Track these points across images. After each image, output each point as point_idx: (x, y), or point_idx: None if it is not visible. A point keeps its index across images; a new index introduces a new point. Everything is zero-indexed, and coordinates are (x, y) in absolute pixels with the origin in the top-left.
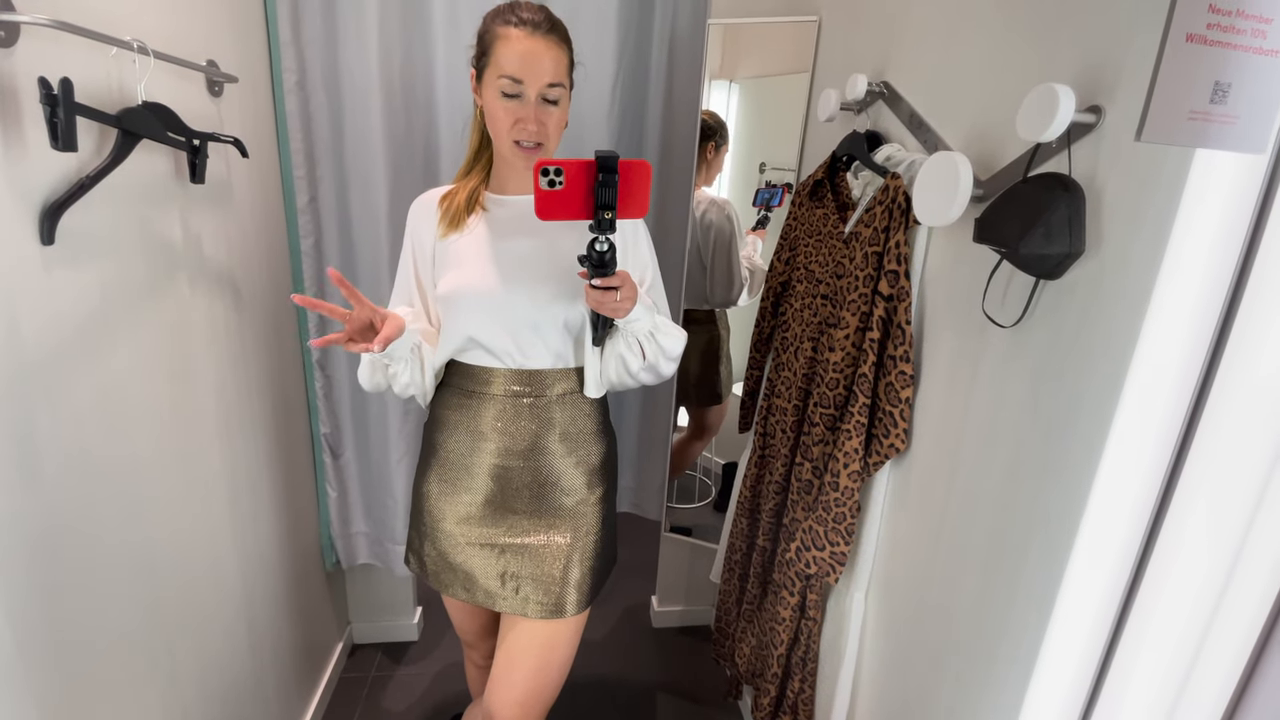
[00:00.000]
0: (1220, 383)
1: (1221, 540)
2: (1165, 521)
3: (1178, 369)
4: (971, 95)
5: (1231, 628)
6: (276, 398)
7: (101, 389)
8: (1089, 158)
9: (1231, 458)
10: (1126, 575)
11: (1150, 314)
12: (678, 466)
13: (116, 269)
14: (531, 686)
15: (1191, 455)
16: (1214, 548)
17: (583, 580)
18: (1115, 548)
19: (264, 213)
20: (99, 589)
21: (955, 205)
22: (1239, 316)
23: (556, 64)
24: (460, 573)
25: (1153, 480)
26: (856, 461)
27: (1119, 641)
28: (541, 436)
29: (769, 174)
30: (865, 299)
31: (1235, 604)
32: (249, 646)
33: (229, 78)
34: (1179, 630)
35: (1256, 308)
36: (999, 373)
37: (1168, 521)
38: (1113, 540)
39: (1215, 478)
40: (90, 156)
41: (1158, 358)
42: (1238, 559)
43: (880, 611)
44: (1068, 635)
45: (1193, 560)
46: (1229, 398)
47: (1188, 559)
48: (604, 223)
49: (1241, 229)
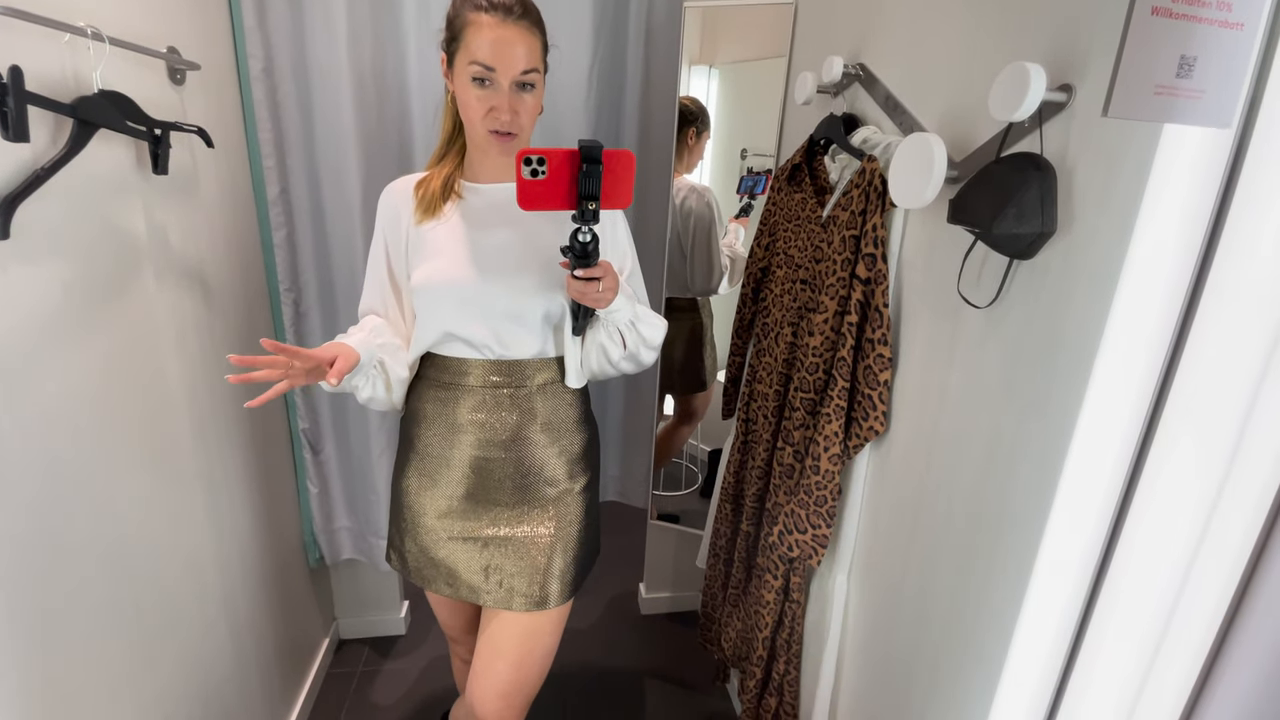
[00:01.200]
0: (1187, 362)
1: (1188, 518)
2: (1135, 497)
3: (1147, 347)
4: (946, 76)
5: (1199, 605)
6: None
7: (67, 389)
8: (1060, 137)
9: (1199, 437)
10: (1098, 551)
11: (1119, 293)
12: (665, 454)
13: (78, 264)
14: (514, 678)
15: (1159, 434)
16: (1182, 525)
17: (566, 571)
18: (1087, 526)
19: (233, 205)
20: (71, 593)
21: (930, 187)
22: (1205, 293)
23: (530, 50)
24: (443, 568)
25: (1121, 462)
26: (837, 445)
27: (1091, 615)
28: (523, 427)
29: (750, 160)
30: (843, 283)
31: (1203, 580)
32: (231, 646)
33: (191, 65)
34: (1149, 604)
35: (1223, 284)
36: (974, 353)
37: (1138, 497)
38: (1085, 519)
39: (1183, 457)
40: (46, 147)
41: (1127, 336)
42: (1203, 537)
43: (862, 592)
44: (1042, 612)
45: (1162, 536)
46: (1196, 378)
47: (1157, 534)
48: (588, 213)
49: (1208, 204)
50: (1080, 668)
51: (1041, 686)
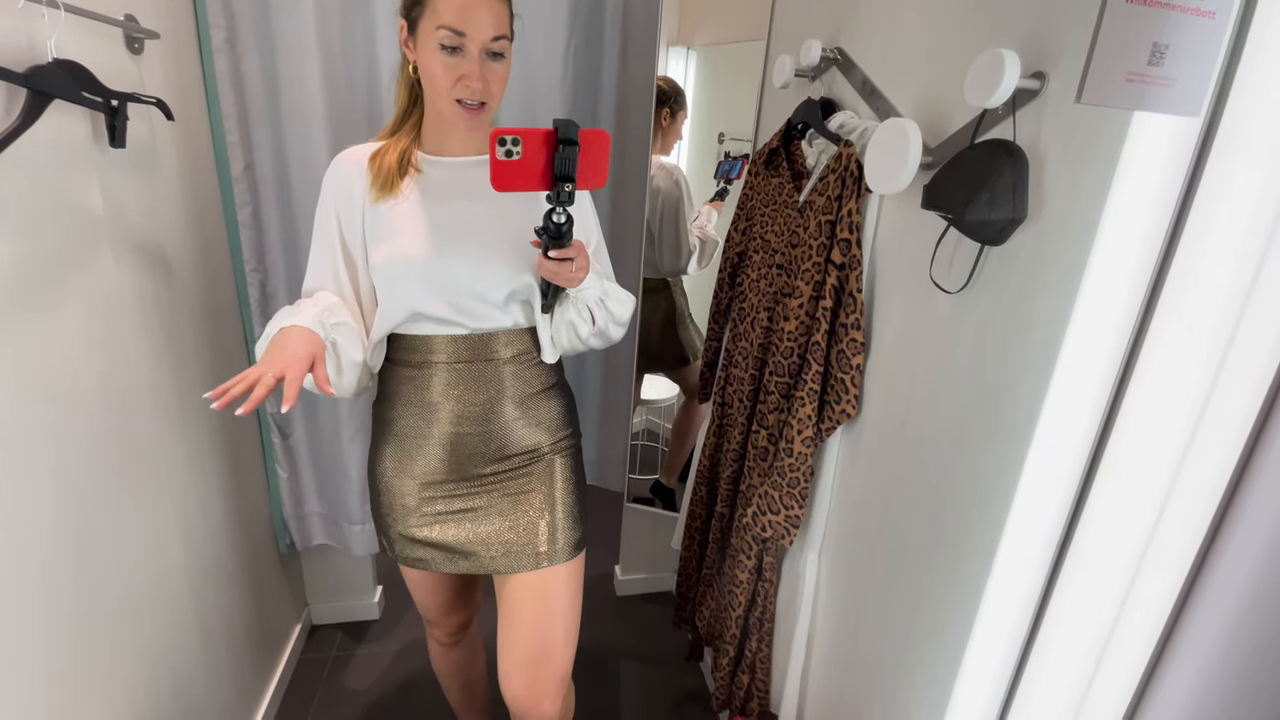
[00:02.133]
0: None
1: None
2: (1093, 485)
3: (1111, 334)
4: (922, 62)
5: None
6: (217, 376)
7: (20, 371)
8: (1033, 124)
9: (1159, 423)
10: (1059, 533)
11: (1085, 279)
12: (685, 431)
13: (31, 239)
14: (533, 645)
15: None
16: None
17: (563, 525)
18: (1050, 510)
19: (195, 181)
20: (27, 586)
21: (905, 173)
22: (1169, 280)
23: (498, 16)
24: (435, 546)
25: (1083, 445)
26: (810, 428)
27: (1051, 593)
28: (495, 401)
29: (728, 144)
30: (819, 268)
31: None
32: (199, 635)
33: (149, 33)
34: (1106, 584)
35: (1187, 271)
36: (944, 339)
37: (1095, 484)
38: (1047, 503)
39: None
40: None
41: (1092, 323)
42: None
43: (832, 571)
44: (1004, 592)
45: (1121, 521)
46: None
47: (1116, 519)
48: (563, 194)
49: (1174, 192)
50: (1040, 642)
51: (1003, 663)
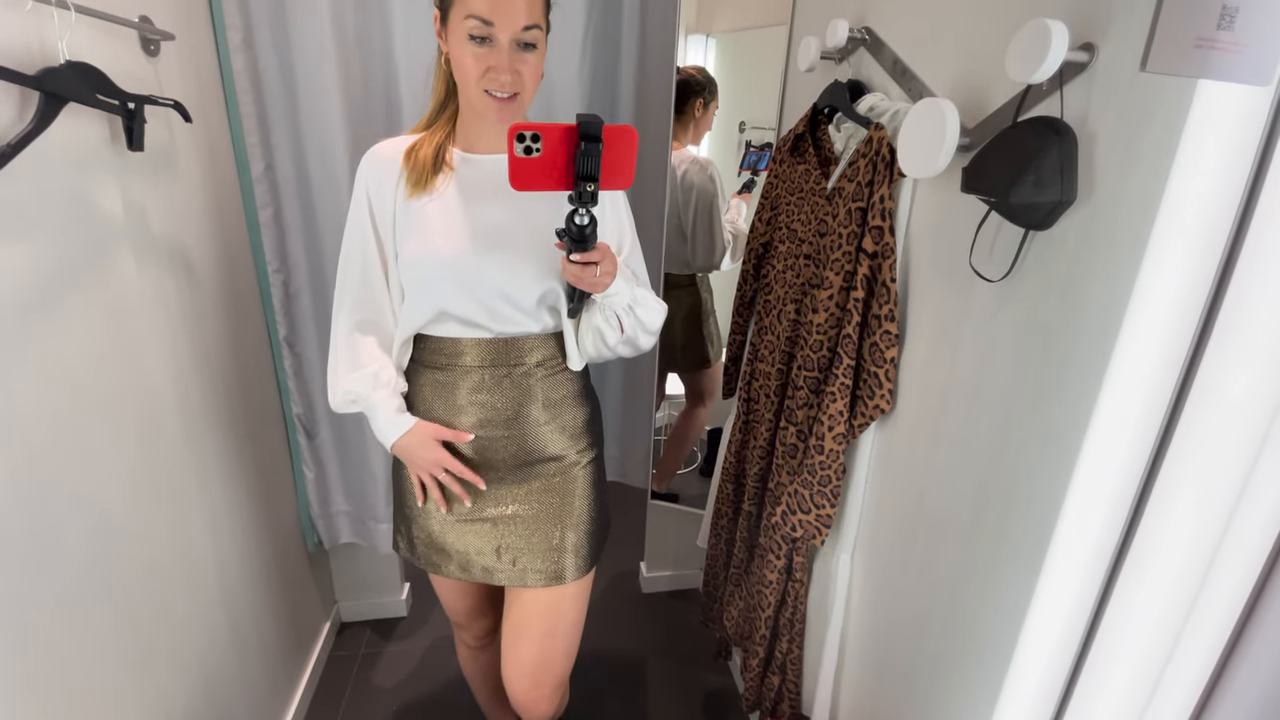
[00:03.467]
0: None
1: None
2: (1157, 482)
3: (1174, 323)
4: (958, 38)
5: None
6: (243, 378)
7: (43, 378)
8: (1081, 99)
9: (1227, 423)
10: (1116, 538)
11: (1144, 265)
12: (685, 441)
13: (50, 244)
14: (538, 656)
15: (1183, 420)
16: (1202, 515)
17: (580, 544)
18: (1103, 512)
19: (215, 182)
20: (60, 591)
21: (942, 155)
22: (1240, 264)
23: (531, 4)
24: (452, 552)
25: (1144, 444)
26: (841, 424)
27: (1108, 601)
28: (522, 405)
29: (749, 133)
30: (849, 257)
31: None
32: (229, 633)
33: (165, 35)
34: (1168, 593)
35: (1258, 257)
36: (986, 330)
37: (1157, 486)
38: (1101, 505)
39: (1207, 445)
40: (11, 122)
41: (1152, 311)
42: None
43: (866, 572)
44: (1055, 595)
45: (1185, 524)
46: (1226, 356)
47: (1179, 523)
48: (585, 195)
49: (1244, 169)
50: (1095, 652)
51: (1053, 670)
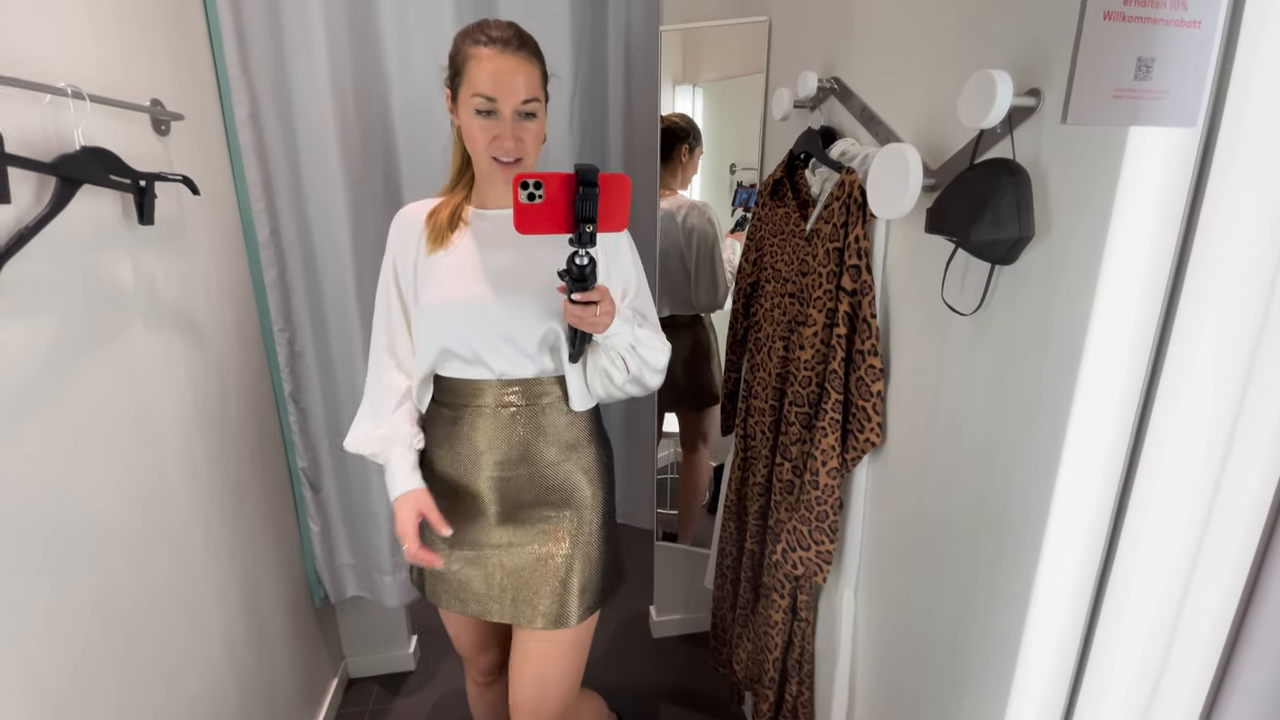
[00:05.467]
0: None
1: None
2: (1132, 495)
3: (1130, 345)
4: (918, 85)
5: (1205, 602)
6: (249, 434)
7: (53, 444)
8: (1032, 141)
9: (1191, 432)
10: (1099, 554)
11: (1099, 293)
12: (695, 491)
13: (64, 317)
14: (538, 692)
15: (1151, 430)
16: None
17: (586, 589)
18: (1085, 529)
19: (223, 248)
20: (68, 650)
21: (908, 197)
22: (1185, 286)
23: (529, 80)
24: (459, 586)
25: (1116, 457)
26: (834, 458)
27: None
28: (534, 445)
29: (740, 174)
30: (830, 295)
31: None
32: (235, 692)
33: (175, 116)
34: (1153, 610)
35: (1202, 275)
36: (963, 361)
37: (1134, 495)
38: (1082, 522)
39: (1176, 452)
40: (30, 205)
41: (1109, 336)
42: (1205, 532)
43: (870, 607)
44: (1047, 616)
45: (1162, 534)
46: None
47: (1157, 533)
48: (584, 236)
49: (1180, 199)
50: (1091, 675)
51: (1050, 696)
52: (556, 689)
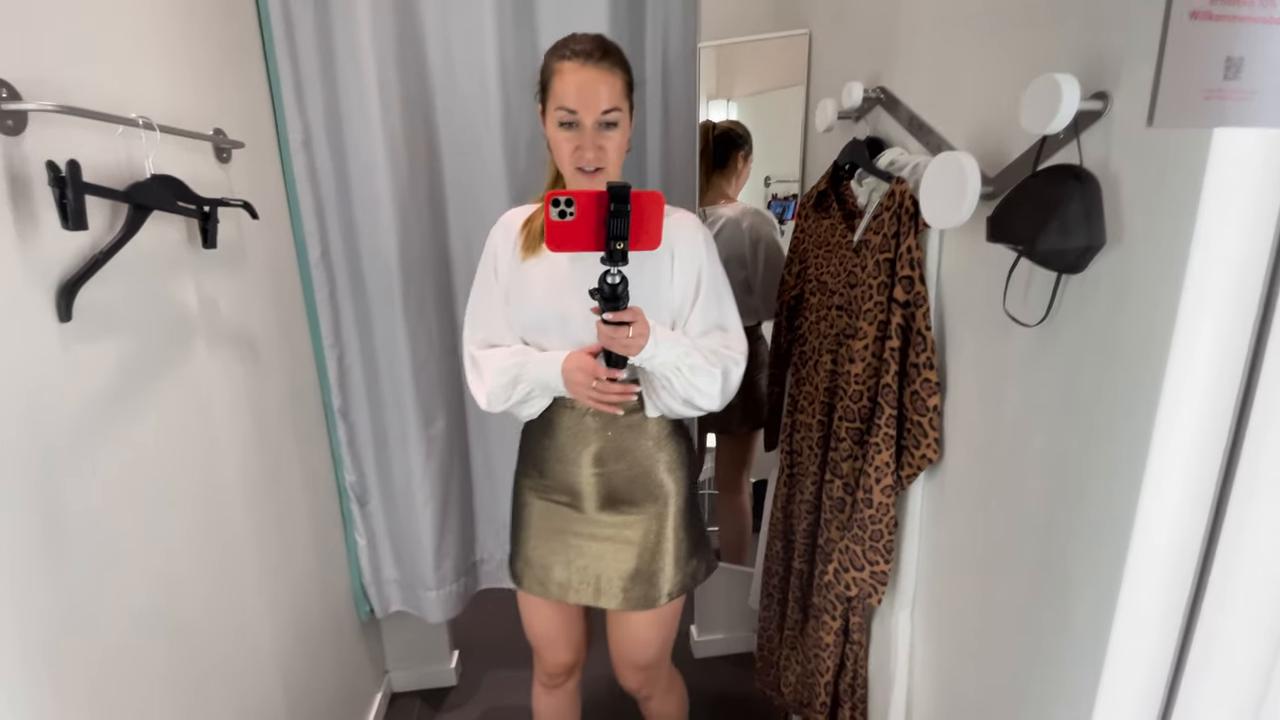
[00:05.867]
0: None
1: None
2: (1225, 519)
3: (1223, 355)
4: (971, 92)
5: None
6: (300, 448)
7: (126, 463)
8: (1100, 146)
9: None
10: (1188, 587)
11: (1183, 301)
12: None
13: (134, 340)
14: (631, 662)
15: (1248, 442)
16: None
17: (675, 571)
18: (1171, 558)
19: (277, 270)
20: (131, 660)
21: (965, 206)
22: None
23: (611, 90)
24: (554, 572)
25: (1206, 477)
26: (889, 475)
27: (1190, 639)
28: (617, 444)
29: (774, 187)
30: (881, 307)
31: None
32: (285, 702)
33: (236, 144)
34: (1248, 640)
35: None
36: (1028, 374)
37: (1228, 519)
38: (1168, 550)
39: (1272, 476)
40: (103, 232)
41: (1197, 346)
42: None
43: (928, 630)
44: (1128, 642)
45: (1259, 558)
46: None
47: (1253, 558)
48: (615, 254)
49: (1273, 203)
50: (1182, 699)
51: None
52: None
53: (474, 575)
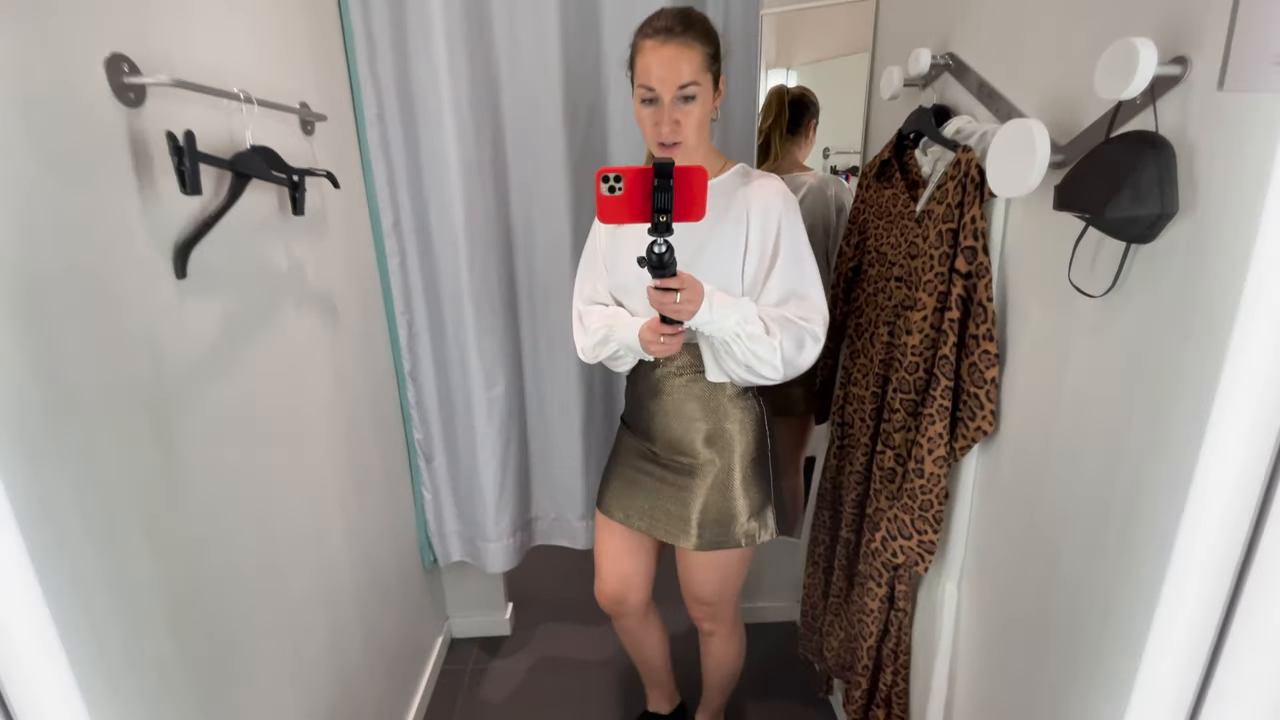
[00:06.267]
0: None
1: None
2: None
3: None
4: (1044, 57)
5: None
6: (375, 408)
7: (231, 406)
8: (1177, 112)
9: None
10: (1237, 557)
11: (1250, 273)
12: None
13: (236, 297)
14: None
15: None
16: None
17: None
18: (1224, 529)
19: (354, 237)
20: (234, 592)
21: (1033, 174)
22: None
23: (689, 64)
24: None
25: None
26: (941, 447)
27: (1231, 622)
28: (687, 404)
29: (834, 159)
30: (942, 278)
31: None
32: (361, 641)
33: (319, 117)
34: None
35: None
36: (1092, 346)
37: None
38: (1222, 522)
39: None
40: (210, 198)
41: (1263, 320)
42: None
43: (975, 601)
44: (1176, 619)
45: None
46: None
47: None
48: (660, 225)
49: None
50: (1219, 680)
51: (1178, 701)
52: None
53: (529, 531)
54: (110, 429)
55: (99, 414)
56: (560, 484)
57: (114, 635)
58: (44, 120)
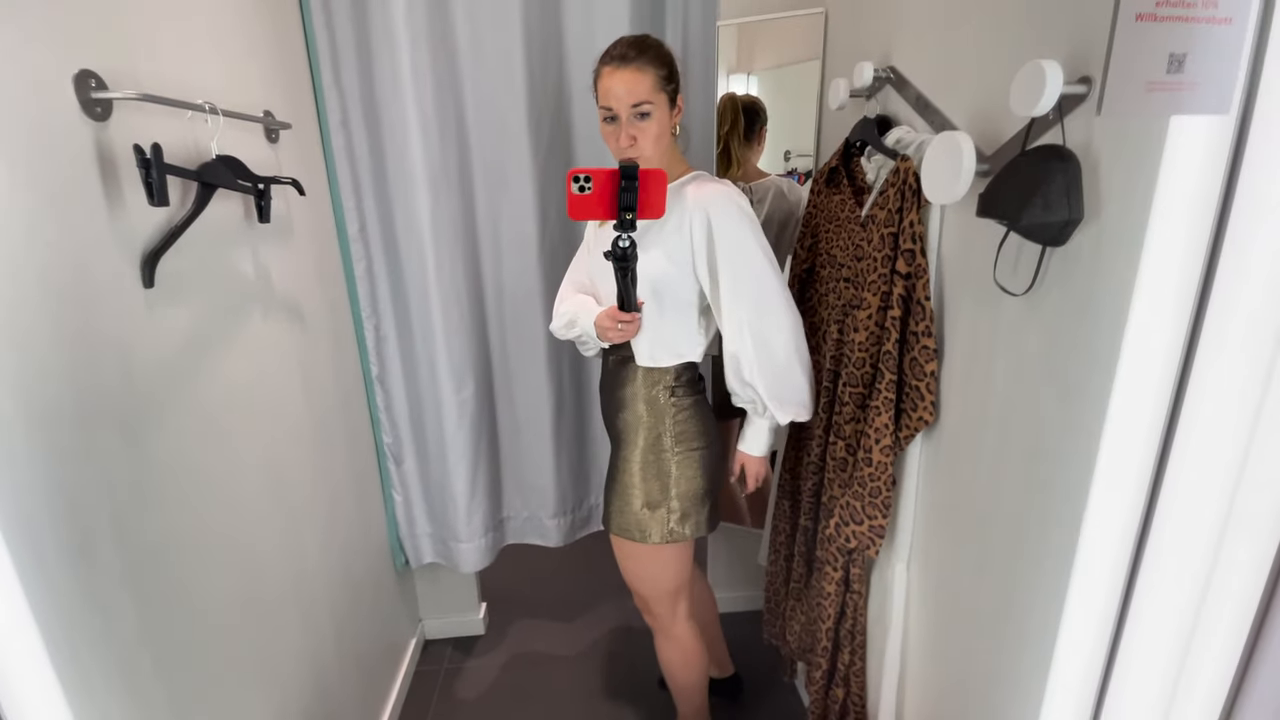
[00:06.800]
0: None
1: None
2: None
3: (1169, 323)
4: (973, 74)
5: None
6: (344, 413)
7: (200, 413)
8: (1083, 127)
9: (1223, 399)
10: (1133, 538)
11: (1140, 273)
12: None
13: (204, 305)
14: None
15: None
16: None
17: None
18: (1124, 505)
19: (320, 243)
20: (210, 595)
21: (960, 183)
22: (1221, 264)
23: (642, 85)
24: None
25: (1153, 432)
26: (888, 436)
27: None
28: (618, 391)
29: (794, 161)
30: (885, 279)
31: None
32: (334, 644)
33: (283, 125)
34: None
35: (1239, 253)
36: (1015, 340)
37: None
38: (1122, 498)
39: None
40: (176, 208)
41: (1148, 315)
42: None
43: (923, 580)
44: (1085, 592)
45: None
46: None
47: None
48: (625, 222)
49: (1217, 183)
50: (1124, 650)
51: (1088, 671)
52: (631, 580)
53: (501, 531)
54: (82, 438)
55: (70, 424)
56: (531, 483)
57: (83, 639)
58: (12, 136)
